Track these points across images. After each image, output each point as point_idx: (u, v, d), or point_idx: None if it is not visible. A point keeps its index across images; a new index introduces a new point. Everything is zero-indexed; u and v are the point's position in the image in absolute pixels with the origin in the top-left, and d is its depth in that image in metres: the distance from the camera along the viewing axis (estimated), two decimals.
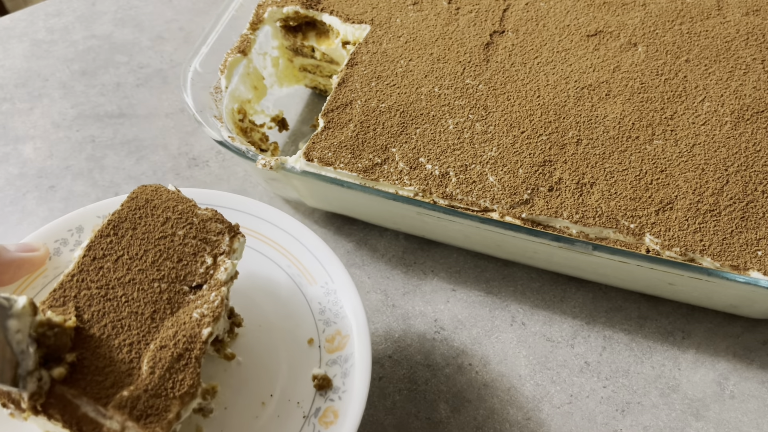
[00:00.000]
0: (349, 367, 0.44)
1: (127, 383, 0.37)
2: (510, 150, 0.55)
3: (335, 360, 0.45)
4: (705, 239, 0.49)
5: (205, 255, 0.43)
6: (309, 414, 0.43)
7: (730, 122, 0.55)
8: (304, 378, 0.45)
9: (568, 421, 0.52)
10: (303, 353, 0.46)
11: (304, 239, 0.50)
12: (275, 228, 0.50)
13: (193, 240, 0.43)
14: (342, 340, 0.45)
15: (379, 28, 0.64)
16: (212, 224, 0.44)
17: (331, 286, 0.48)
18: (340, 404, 0.42)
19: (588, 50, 0.60)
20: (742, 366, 0.54)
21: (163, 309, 0.40)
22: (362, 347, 0.44)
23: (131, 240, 0.42)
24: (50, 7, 0.87)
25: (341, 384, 0.43)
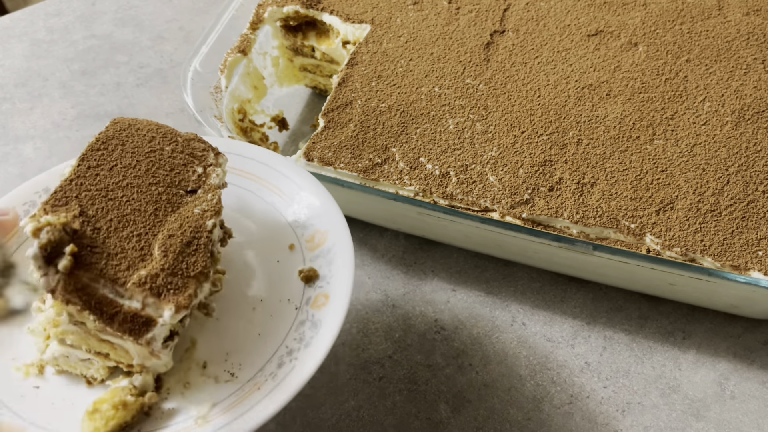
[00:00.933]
0: (333, 256, 0.46)
1: (141, 266, 0.40)
2: (510, 150, 0.54)
3: (318, 255, 0.47)
4: (706, 239, 0.49)
5: (194, 166, 0.46)
6: (301, 305, 0.45)
7: (730, 122, 0.55)
8: (291, 278, 0.47)
9: (568, 422, 0.52)
10: (286, 258, 0.48)
11: (270, 161, 0.52)
12: (244, 158, 0.52)
13: (181, 154, 0.46)
14: (321, 236, 0.48)
15: (380, 28, 0.64)
16: (195, 143, 0.48)
17: (300, 194, 0.50)
18: (329, 288, 0.45)
19: (588, 50, 0.60)
20: (743, 366, 0.54)
21: (164, 207, 0.43)
22: (341, 236, 0.46)
23: (122, 153, 0.45)
24: (50, 7, 0.87)
25: (327, 272, 0.46)
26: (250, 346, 0.44)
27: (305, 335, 0.43)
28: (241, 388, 0.42)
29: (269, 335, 0.44)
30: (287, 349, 0.43)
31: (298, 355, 0.42)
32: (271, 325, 0.45)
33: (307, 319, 0.44)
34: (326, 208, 0.48)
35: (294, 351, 0.43)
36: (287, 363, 0.42)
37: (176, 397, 0.43)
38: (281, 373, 0.42)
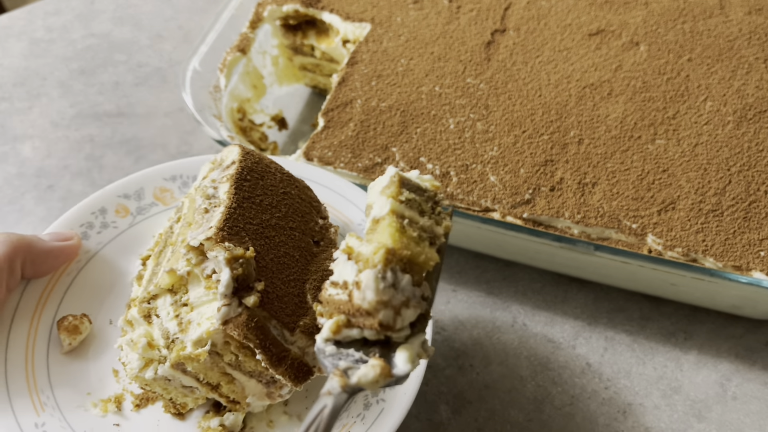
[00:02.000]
0: None
1: (301, 313, 0.39)
2: (511, 149, 0.54)
3: None
4: (707, 239, 0.49)
5: (314, 215, 0.45)
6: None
7: (732, 122, 0.55)
8: None
9: (569, 423, 0.51)
10: None
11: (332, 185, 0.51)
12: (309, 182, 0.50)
13: (304, 201, 0.46)
14: None
15: (380, 27, 0.63)
16: (308, 192, 0.47)
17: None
18: None
19: (590, 49, 0.60)
20: (745, 367, 0.54)
21: (304, 255, 0.42)
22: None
23: (263, 189, 0.44)
24: (49, 6, 0.87)
25: None
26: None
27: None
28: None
29: None
30: None
31: (384, 396, 0.41)
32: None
33: None
34: None
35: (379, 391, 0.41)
36: (374, 404, 0.41)
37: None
38: (370, 415, 0.40)
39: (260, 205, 0.42)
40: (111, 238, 0.50)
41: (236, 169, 0.43)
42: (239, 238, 0.39)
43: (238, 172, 0.43)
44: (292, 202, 0.44)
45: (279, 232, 0.42)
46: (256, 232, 0.41)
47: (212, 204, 0.42)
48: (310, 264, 0.42)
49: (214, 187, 0.44)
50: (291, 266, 0.41)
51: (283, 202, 0.44)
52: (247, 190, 0.42)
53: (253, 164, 0.44)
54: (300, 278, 0.41)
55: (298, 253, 0.42)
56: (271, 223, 0.42)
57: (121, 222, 0.50)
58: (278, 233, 0.42)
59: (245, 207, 0.41)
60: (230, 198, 0.41)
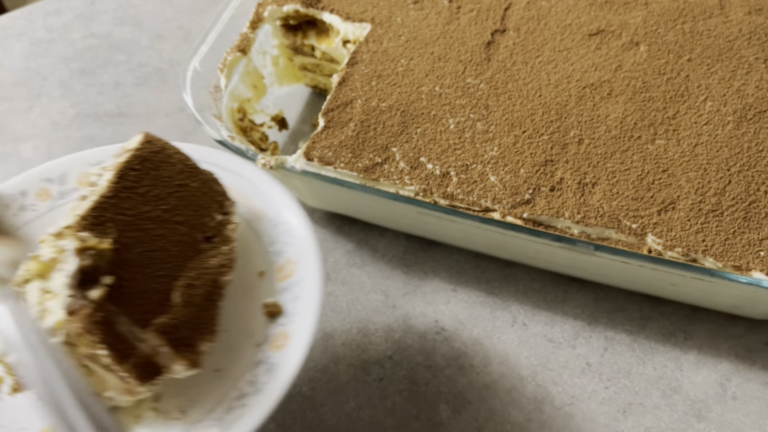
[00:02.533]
0: (300, 291, 0.43)
1: (161, 311, 0.38)
2: (511, 149, 0.54)
3: (286, 287, 0.44)
4: (707, 239, 0.49)
5: (213, 211, 0.44)
6: (261, 342, 0.42)
7: (732, 122, 0.55)
8: (256, 310, 0.44)
9: (569, 423, 0.52)
10: (254, 286, 0.45)
11: (251, 176, 0.49)
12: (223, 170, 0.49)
13: (204, 195, 0.44)
14: (292, 267, 0.45)
15: (380, 27, 0.63)
16: (215, 185, 0.45)
17: (278, 218, 0.47)
18: (291, 327, 0.42)
19: (590, 49, 0.60)
20: (745, 367, 0.54)
21: (185, 251, 0.41)
22: (312, 269, 0.43)
23: (155, 180, 0.42)
24: (49, 6, 0.87)
25: (292, 308, 0.43)
26: (207, 382, 0.42)
27: (258, 379, 0.40)
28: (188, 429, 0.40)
29: (226, 373, 0.42)
30: (238, 392, 0.40)
31: (247, 401, 0.39)
32: (229, 361, 0.42)
33: (263, 360, 0.41)
34: (302, 236, 0.45)
35: (245, 396, 0.40)
36: (236, 408, 0.39)
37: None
38: (228, 420, 0.39)
39: (144, 196, 0.41)
40: (26, 222, 0.48)
41: (126, 158, 0.42)
42: (102, 228, 0.39)
43: (126, 160, 0.42)
44: (186, 195, 0.43)
45: (159, 225, 0.41)
46: (129, 223, 0.40)
47: (92, 192, 0.41)
48: (190, 260, 0.41)
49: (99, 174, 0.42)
50: (163, 261, 0.40)
51: (174, 195, 0.42)
52: (131, 179, 0.41)
53: (151, 153, 0.43)
54: (171, 274, 0.40)
55: (176, 249, 0.41)
56: (151, 215, 0.41)
57: (41, 205, 0.49)
58: (158, 226, 0.41)
59: (122, 197, 0.40)
60: (108, 187, 0.40)
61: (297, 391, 0.54)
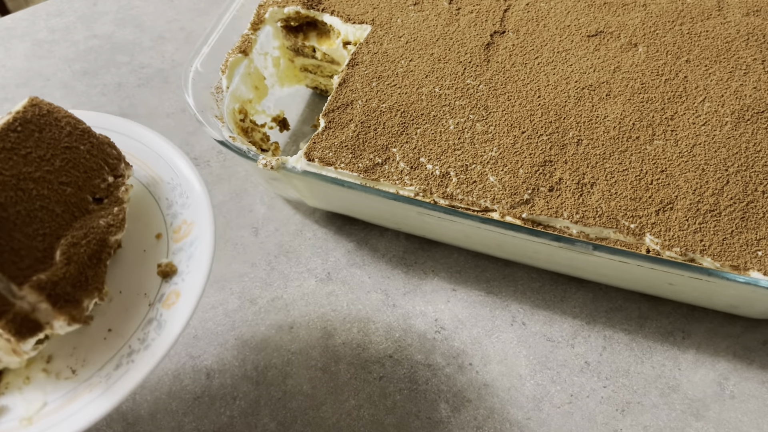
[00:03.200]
0: (194, 250, 0.44)
1: (41, 269, 0.38)
2: (510, 150, 0.55)
3: (181, 247, 0.45)
4: (705, 239, 0.50)
5: (105, 173, 0.45)
6: (154, 301, 0.43)
7: (730, 122, 0.55)
8: (152, 270, 0.45)
9: (568, 421, 0.52)
10: (152, 248, 0.46)
11: (147, 141, 0.50)
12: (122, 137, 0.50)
13: (94, 157, 0.44)
14: (188, 228, 0.46)
15: (380, 29, 0.64)
16: (109, 149, 0.46)
17: (176, 180, 0.48)
18: (182, 285, 0.43)
19: (588, 50, 0.61)
20: (743, 366, 0.54)
21: (71, 211, 0.42)
22: (205, 229, 0.44)
23: (38, 141, 0.42)
24: (51, 7, 0.87)
25: (185, 267, 0.44)
26: (99, 341, 0.42)
27: (149, 336, 0.41)
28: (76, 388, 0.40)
29: (119, 331, 0.43)
30: (129, 349, 0.41)
31: (136, 357, 0.40)
32: (124, 320, 0.43)
33: (155, 317, 0.42)
34: (196, 197, 0.46)
35: (134, 352, 0.41)
36: (124, 365, 0.40)
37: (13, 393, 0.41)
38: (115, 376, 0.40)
39: (25, 157, 0.41)
40: None
41: (6, 120, 0.42)
42: None
43: (7, 122, 0.42)
44: (74, 157, 0.43)
45: (42, 185, 0.41)
46: (7, 183, 0.40)
47: None
48: (76, 220, 0.41)
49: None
50: (45, 221, 0.40)
51: (60, 156, 0.43)
52: (11, 141, 0.41)
53: (35, 116, 0.43)
54: (54, 233, 0.40)
55: (61, 208, 0.41)
56: (33, 176, 0.41)
57: None
58: (39, 186, 0.41)
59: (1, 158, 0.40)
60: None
61: (298, 389, 0.54)
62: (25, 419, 0.39)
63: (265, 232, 0.64)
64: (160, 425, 0.53)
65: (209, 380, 0.55)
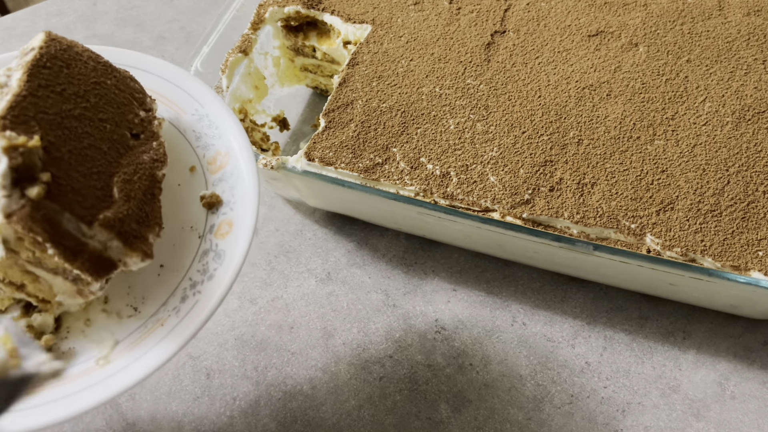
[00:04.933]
0: (236, 180, 0.43)
1: (104, 207, 0.38)
2: (511, 150, 0.55)
3: (221, 178, 0.44)
4: (706, 239, 0.49)
5: (135, 108, 0.43)
6: (204, 233, 0.43)
7: (731, 122, 0.55)
8: (193, 203, 0.44)
9: (568, 422, 0.52)
10: (187, 182, 0.45)
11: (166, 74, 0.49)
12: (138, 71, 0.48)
13: (122, 92, 0.43)
14: (223, 158, 0.45)
15: (380, 28, 0.64)
16: (131, 83, 0.44)
17: (202, 111, 0.47)
18: (233, 214, 0.42)
19: (589, 50, 0.60)
20: (743, 366, 0.54)
21: (116, 148, 0.40)
22: (244, 157, 0.44)
23: (68, 78, 0.40)
24: (51, 7, 0.87)
25: (230, 197, 0.43)
26: (153, 278, 0.42)
27: (209, 266, 0.41)
28: (144, 324, 0.40)
29: (172, 266, 0.42)
30: (191, 281, 0.41)
31: (201, 288, 0.40)
32: (174, 255, 0.42)
33: (210, 248, 0.42)
34: (227, 126, 0.45)
35: (197, 284, 0.40)
36: (190, 297, 0.40)
37: (77, 336, 0.40)
38: (184, 308, 0.39)
39: (61, 94, 0.39)
40: None
41: (34, 56, 0.40)
42: (27, 127, 0.37)
43: (35, 58, 0.39)
44: (105, 93, 0.42)
45: (84, 123, 0.39)
46: (53, 122, 0.38)
47: (2, 93, 0.39)
48: (122, 157, 0.40)
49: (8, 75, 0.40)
50: (96, 159, 0.39)
51: (92, 92, 0.41)
52: (45, 78, 0.39)
53: (58, 51, 0.41)
54: (106, 171, 0.39)
55: (106, 146, 0.40)
56: (73, 113, 0.39)
57: None
58: (82, 124, 0.39)
59: (40, 96, 0.38)
60: (20, 86, 0.38)
61: (298, 390, 0.54)
62: (102, 358, 0.38)
63: (265, 232, 0.64)
64: (159, 425, 0.53)
65: (209, 380, 0.55)
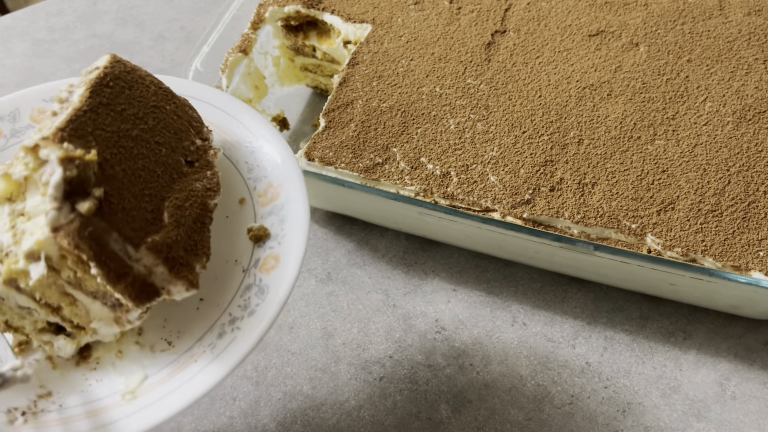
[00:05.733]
0: (286, 213, 0.42)
1: (153, 230, 0.36)
2: (511, 150, 0.54)
3: (270, 211, 0.43)
4: (706, 240, 0.49)
5: (192, 135, 0.43)
6: (249, 266, 0.41)
7: (731, 122, 0.55)
8: (240, 236, 0.43)
9: (569, 422, 0.52)
10: (235, 213, 0.44)
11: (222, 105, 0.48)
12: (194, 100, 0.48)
13: (180, 119, 0.43)
14: (275, 191, 0.44)
15: (381, 28, 0.64)
16: (190, 111, 0.44)
17: (255, 143, 0.46)
18: (280, 249, 0.41)
19: (590, 50, 0.60)
20: (744, 367, 0.54)
21: (170, 172, 0.40)
22: (296, 192, 0.42)
23: (129, 98, 0.40)
24: (51, 6, 0.87)
25: (279, 231, 0.42)
26: (191, 311, 0.40)
27: (251, 302, 0.39)
28: (178, 359, 0.38)
29: (212, 300, 0.40)
30: (230, 317, 0.39)
31: (241, 324, 0.38)
32: (215, 288, 0.41)
33: (254, 283, 0.40)
34: (282, 159, 0.44)
35: (237, 319, 0.38)
36: (228, 333, 0.38)
37: (105, 368, 0.38)
38: (220, 345, 0.37)
39: (121, 114, 0.39)
40: None
41: (98, 74, 0.39)
42: (84, 141, 0.36)
43: (99, 77, 0.39)
44: (164, 117, 0.41)
45: (140, 144, 0.39)
46: (109, 140, 0.37)
47: (63, 108, 0.38)
48: (175, 182, 0.39)
49: (69, 91, 0.39)
50: (149, 181, 0.38)
51: (151, 115, 0.40)
52: (106, 96, 0.39)
53: (122, 72, 0.41)
54: (158, 194, 0.38)
55: (160, 169, 0.39)
56: (131, 133, 0.39)
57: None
58: (139, 145, 0.39)
59: (100, 113, 0.38)
60: (82, 102, 0.37)
61: (298, 390, 0.54)
62: (129, 393, 0.37)
63: None
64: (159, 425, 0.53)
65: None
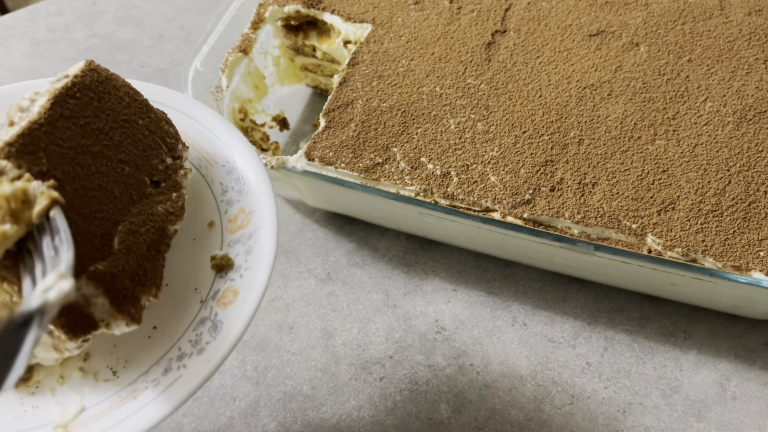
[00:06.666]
0: (253, 244, 0.39)
1: (98, 257, 0.34)
2: (512, 150, 0.54)
3: (238, 239, 0.40)
4: (707, 240, 0.49)
5: (163, 153, 0.40)
6: (207, 298, 0.38)
7: (732, 122, 0.55)
8: (203, 263, 0.40)
9: (569, 422, 0.52)
10: (203, 237, 0.41)
11: (205, 120, 0.45)
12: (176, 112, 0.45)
13: (152, 134, 0.40)
14: (246, 218, 0.41)
15: (381, 28, 0.63)
16: (166, 126, 0.41)
17: (233, 164, 0.43)
18: (241, 282, 0.38)
19: (590, 50, 0.60)
20: (744, 367, 0.54)
21: (130, 193, 0.37)
22: (267, 221, 0.39)
23: (97, 111, 0.38)
24: (51, 6, 0.87)
25: (243, 262, 0.39)
26: (143, 339, 0.37)
27: (202, 338, 0.36)
28: (119, 392, 0.36)
29: (166, 329, 0.38)
30: (179, 351, 0.36)
31: (188, 362, 0.35)
32: (171, 317, 0.38)
33: (208, 317, 0.37)
34: (257, 183, 0.41)
35: (185, 356, 0.36)
36: (174, 370, 0.35)
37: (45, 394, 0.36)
38: (164, 382, 0.35)
39: (84, 128, 0.36)
40: None
41: (65, 84, 0.37)
42: (33, 157, 0.33)
43: (66, 86, 0.37)
44: (133, 132, 0.39)
45: (100, 161, 0.36)
46: (65, 156, 0.35)
47: (21, 118, 0.36)
48: (134, 204, 0.37)
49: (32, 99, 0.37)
50: (103, 202, 0.35)
51: (119, 130, 0.38)
52: (70, 107, 0.36)
53: (93, 82, 0.38)
54: (112, 218, 0.35)
55: (119, 189, 0.36)
56: (91, 149, 0.36)
57: None
58: (98, 162, 0.36)
59: (59, 126, 0.35)
60: (40, 113, 0.35)
61: (298, 390, 0.54)
62: (60, 426, 0.34)
63: None
64: (159, 425, 0.53)
65: (209, 380, 0.55)
